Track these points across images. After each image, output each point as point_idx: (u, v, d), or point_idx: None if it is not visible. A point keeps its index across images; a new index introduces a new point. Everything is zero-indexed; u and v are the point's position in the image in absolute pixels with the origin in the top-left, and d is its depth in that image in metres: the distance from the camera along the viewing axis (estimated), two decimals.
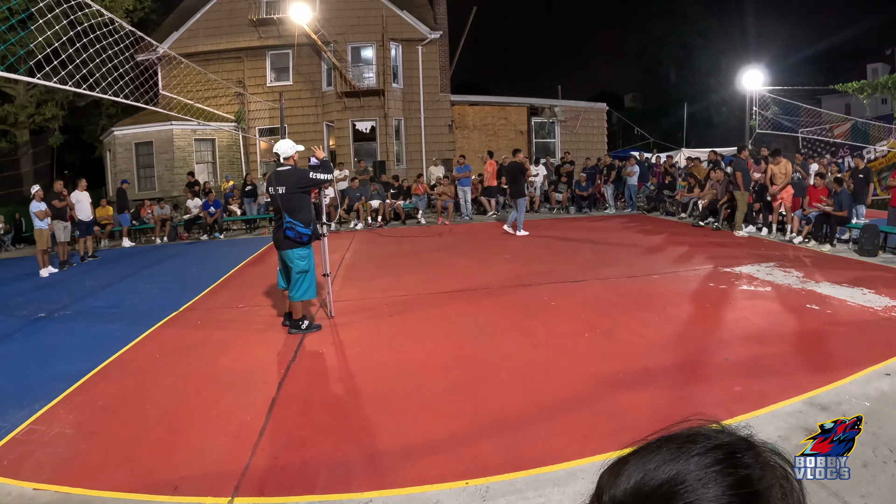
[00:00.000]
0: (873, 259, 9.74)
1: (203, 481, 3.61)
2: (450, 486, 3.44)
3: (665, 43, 44.58)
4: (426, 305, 7.74)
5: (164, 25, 22.74)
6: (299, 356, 5.94)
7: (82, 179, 14.25)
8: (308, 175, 6.43)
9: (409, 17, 21.41)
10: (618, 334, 6.21)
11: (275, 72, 21.91)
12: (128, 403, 4.93)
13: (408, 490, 3.44)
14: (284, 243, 6.47)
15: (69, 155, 29.67)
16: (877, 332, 6.00)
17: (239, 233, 17.76)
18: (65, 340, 7.02)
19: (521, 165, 13.93)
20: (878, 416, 4.10)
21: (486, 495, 3.34)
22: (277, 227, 6.54)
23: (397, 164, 21.45)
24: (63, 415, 4.71)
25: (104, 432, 4.39)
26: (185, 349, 6.35)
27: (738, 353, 5.56)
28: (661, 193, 17.48)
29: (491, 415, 4.37)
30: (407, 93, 21.98)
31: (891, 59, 38.24)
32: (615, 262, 10.04)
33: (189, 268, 12.12)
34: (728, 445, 0.62)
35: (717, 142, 24.99)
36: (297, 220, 6.37)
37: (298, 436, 4.17)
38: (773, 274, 8.68)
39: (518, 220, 13.69)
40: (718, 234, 13.01)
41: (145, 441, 4.20)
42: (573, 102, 25.33)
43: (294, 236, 6.36)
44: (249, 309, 8.01)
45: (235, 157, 21.64)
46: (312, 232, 6.51)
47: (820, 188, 11.59)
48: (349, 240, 14.06)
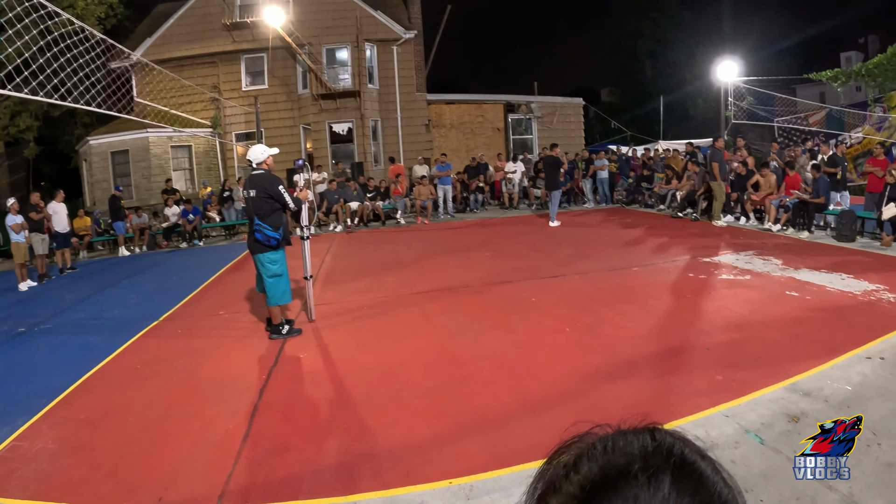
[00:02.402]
0: (851, 244, 9.87)
1: (188, 491, 3.59)
2: (434, 486, 3.44)
3: (640, 36, 44.82)
4: (407, 306, 7.74)
5: (137, 32, 22.54)
6: (280, 361, 5.91)
7: (59, 191, 14.07)
8: (277, 187, 6.44)
9: (383, 17, 21.36)
10: (599, 328, 6.25)
11: (250, 76, 21.76)
12: (111, 416, 4.88)
13: (392, 491, 3.43)
14: (255, 247, 6.50)
15: (45, 166, 29.26)
16: (856, 317, 6.09)
17: (218, 239, 17.64)
18: (46, 355, 6.93)
19: (557, 159, 14.52)
20: (861, 399, 4.17)
21: (470, 494, 3.35)
22: (250, 231, 6.57)
23: (375, 165, 21.40)
24: (46, 430, 4.65)
25: (88, 446, 4.34)
26: (167, 359, 6.29)
27: (719, 342, 5.61)
28: (640, 186, 17.60)
29: (474, 413, 4.38)
30: (383, 93, 21.93)
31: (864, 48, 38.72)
32: (595, 256, 10.10)
33: (169, 276, 12.02)
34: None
35: (694, 133, 25.20)
36: (266, 224, 6.38)
37: (282, 441, 4.15)
38: (753, 262, 8.77)
39: (552, 211, 14.31)
40: (697, 224, 13.11)
41: (129, 453, 4.16)
42: (550, 98, 25.45)
43: (263, 239, 6.38)
44: (230, 316, 7.96)
45: (213, 163, 21.49)
46: (282, 236, 6.52)
47: (793, 176, 11.74)
48: (329, 242, 14.00)
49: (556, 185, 14.43)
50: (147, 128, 18.50)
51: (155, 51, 20.32)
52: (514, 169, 19.18)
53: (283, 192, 6.45)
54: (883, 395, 4.21)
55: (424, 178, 17.89)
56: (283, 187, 6.47)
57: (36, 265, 12.45)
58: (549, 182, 14.62)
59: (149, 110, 15.63)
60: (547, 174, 14.83)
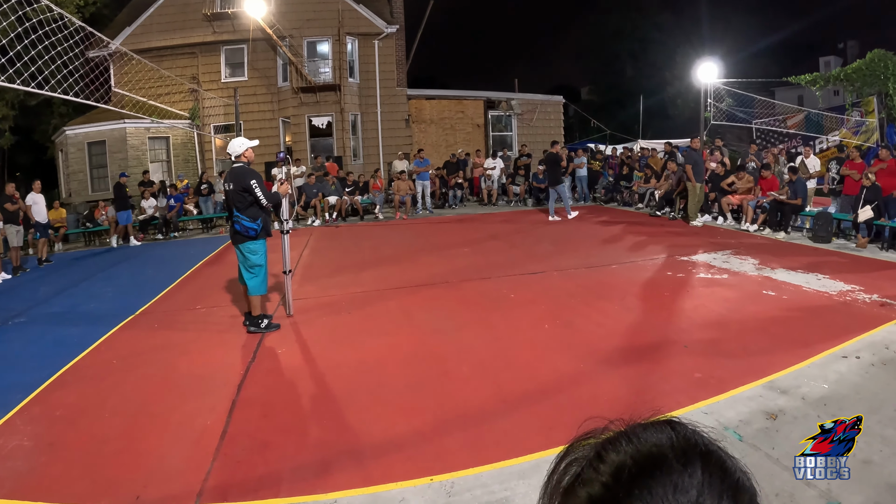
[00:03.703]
0: (827, 245, 10.03)
1: (165, 489, 3.54)
2: (415, 483, 3.44)
3: (621, 36, 45.10)
4: (386, 301, 7.72)
5: (116, 21, 22.12)
6: (259, 357, 5.87)
7: (37, 181, 13.84)
8: (250, 182, 6.43)
9: (365, 10, 21.23)
10: (578, 325, 6.28)
11: (229, 67, 21.49)
12: (86, 412, 4.80)
13: (373, 489, 3.42)
14: (236, 237, 6.60)
15: (21, 156, 28.70)
16: (832, 316, 6.19)
17: (195, 232, 17.44)
18: (20, 349, 6.79)
19: (557, 156, 15.02)
20: (837, 397, 4.25)
21: (451, 490, 3.35)
22: (231, 223, 6.67)
23: (354, 160, 21.29)
24: (21, 426, 4.56)
25: (63, 443, 4.26)
26: (143, 353, 6.21)
27: (697, 339, 5.68)
28: (619, 184, 17.72)
29: (454, 410, 4.39)
30: (363, 87, 21.78)
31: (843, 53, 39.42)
32: (574, 253, 10.16)
33: (145, 269, 11.85)
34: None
35: (673, 133, 25.36)
36: (245, 216, 6.45)
37: (260, 438, 4.12)
38: (730, 261, 8.86)
39: (566, 205, 14.71)
40: (675, 223, 13.24)
41: (105, 450, 4.09)
42: (530, 95, 25.51)
43: (241, 230, 6.48)
44: (207, 310, 7.88)
45: (190, 156, 21.21)
46: (262, 227, 6.57)
47: (769, 178, 11.89)
48: (307, 237, 13.90)
49: (559, 181, 14.69)
50: (125, 118, 18.19)
51: (134, 40, 19.98)
52: (493, 165, 19.21)
53: (256, 187, 6.44)
54: (859, 393, 4.29)
55: (403, 174, 17.86)
56: (255, 182, 6.45)
57: (11, 258, 12.22)
58: (552, 178, 14.82)
59: (127, 101, 15.40)
60: (548, 170, 15.06)
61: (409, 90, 22.81)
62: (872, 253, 9.36)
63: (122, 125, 19.21)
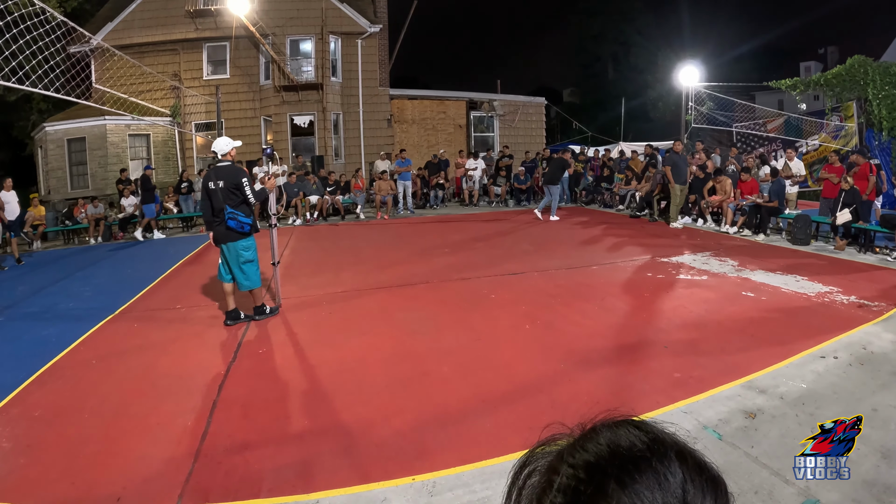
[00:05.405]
0: (805, 247, 10.17)
1: (146, 491, 3.53)
2: (396, 483, 3.45)
3: (603, 39, 45.50)
4: (366, 301, 7.73)
5: (98, 16, 21.84)
6: (239, 356, 5.85)
7: (8, 179, 13.62)
8: (241, 180, 6.56)
9: (348, 10, 21.17)
10: (558, 325, 6.33)
11: (212, 65, 21.33)
12: (65, 413, 4.74)
13: (355, 488, 3.43)
14: (228, 235, 6.60)
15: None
16: (810, 317, 6.30)
17: (175, 231, 17.29)
18: None
19: (566, 161, 15.79)
20: (815, 397, 4.33)
21: (433, 490, 3.37)
22: (219, 222, 6.62)
23: (336, 159, 21.24)
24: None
25: (42, 445, 4.21)
26: (123, 353, 6.15)
27: (676, 340, 5.75)
28: (600, 186, 17.84)
29: (435, 410, 4.41)
30: (346, 87, 21.73)
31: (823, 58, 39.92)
32: (554, 254, 10.21)
33: (125, 268, 11.72)
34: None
35: (654, 136, 25.64)
36: (239, 212, 6.53)
37: (241, 439, 4.10)
38: (709, 263, 8.97)
39: (553, 206, 14.94)
40: (654, 225, 13.36)
41: (85, 452, 4.05)
42: (512, 97, 25.60)
43: (236, 226, 6.52)
44: (187, 310, 7.82)
45: (171, 153, 21.03)
46: (253, 222, 6.68)
47: (748, 181, 12.03)
48: (287, 236, 13.83)
49: (555, 182, 14.98)
50: (105, 115, 17.98)
51: (115, 36, 19.74)
52: (474, 166, 19.27)
53: (246, 185, 6.56)
54: (837, 393, 4.38)
55: (385, 174, 17.85)
56: (246, 180, 6.59)
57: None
58: (550, 178, 15.05)
59: (107, 97, 15.27)
60: (551, 170, 15.21)
61: (391, 90, 22.77)
62: (850, 255, 9.53)
63: (103, 122, 19.01)
